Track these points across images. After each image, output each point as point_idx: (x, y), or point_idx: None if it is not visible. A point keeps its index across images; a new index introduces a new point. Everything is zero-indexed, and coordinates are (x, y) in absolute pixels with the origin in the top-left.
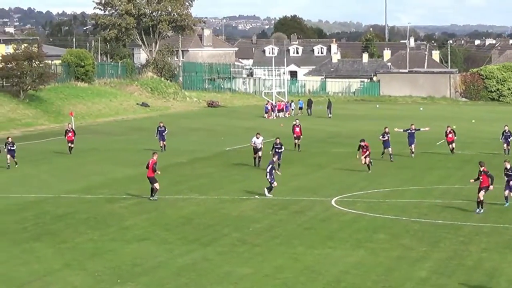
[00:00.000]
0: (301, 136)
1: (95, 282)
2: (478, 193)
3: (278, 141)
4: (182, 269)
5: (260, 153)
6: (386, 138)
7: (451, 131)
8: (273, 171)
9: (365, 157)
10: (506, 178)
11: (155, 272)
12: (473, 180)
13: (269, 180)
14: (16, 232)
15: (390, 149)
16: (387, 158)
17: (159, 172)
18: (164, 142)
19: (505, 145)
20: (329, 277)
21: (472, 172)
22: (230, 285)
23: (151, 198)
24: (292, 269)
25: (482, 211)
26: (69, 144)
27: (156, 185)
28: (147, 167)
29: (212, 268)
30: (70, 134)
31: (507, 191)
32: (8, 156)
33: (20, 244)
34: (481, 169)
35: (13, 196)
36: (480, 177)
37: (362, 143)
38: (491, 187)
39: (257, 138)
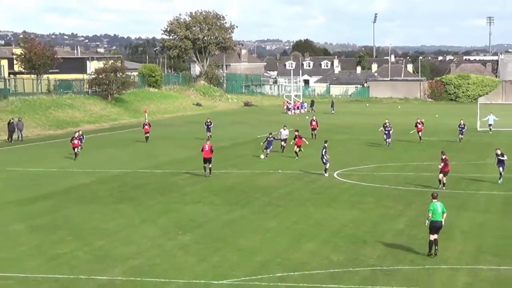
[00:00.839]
0: (317, 128)
1: (163, 233)
2: (439, 174)
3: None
4: (225, 224)
5: (284, 143)
6: (388, 130)
7: (420, 122)
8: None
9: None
10: (497, 159)
11: (206, 226)
12: (440, 167)
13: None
14: (106, 197)
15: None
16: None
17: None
18: (210, 133)
19: (460, 135)
20: (332, 229)
21: (436, 153)
22: (260, 235)
23: (206, 175)
24: (305, 223)
25: (443, 187)
26: (146, 134)
27: (210, 165)
28: (202, 150)
29: (247, 222)
30: (146, 126)
31: (501, 168)
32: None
33: (108, 205)
34: (443, 157)
35: (103, 171)
36: (442, 163)
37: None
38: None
39: (284, 129)
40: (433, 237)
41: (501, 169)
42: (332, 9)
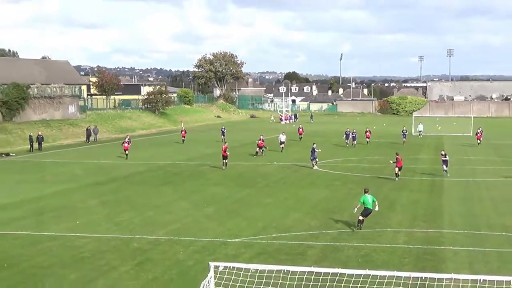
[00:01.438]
0: (303, 133)
1: (193, 206)
2: (395, 168)
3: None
4: (236, 200)
5: (283, 145)
6: (354, 135)
7: (369, 130)
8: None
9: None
10: (442, 159)
11: (223, 201)
12: (391, 162)
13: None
14: (153, 181)
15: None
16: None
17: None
18: (224, 137)
19: (403, 138)
20: (311, 203)
21: (384, 151)
22: (260, 207)
23: (223, 168)
24: (293, 199)
25: (397, 179)
26: (183, 138)
27: (226, 161)
28: (222, 149)
29: (252, 199)
30: (183, 132)
31: (444, 166)
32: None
33: (155, 187)
34: (397, 157)
35: (152, 163)
36: (396, 161)
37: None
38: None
39: (282, 135)
40: (361, 218)
41: (444, 166)
42: (311, 51)
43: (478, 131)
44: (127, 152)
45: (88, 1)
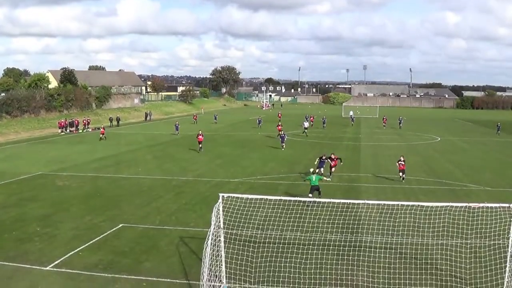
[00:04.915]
0: (281, 117)
1: (209, 159)
2: (399, 173)
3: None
4: (236, 155)
5: (306, 130)
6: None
7: (311, 116)
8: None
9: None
10: (398, 164)
11: (227, 156)
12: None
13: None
14: (185, 144)
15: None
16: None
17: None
18: (215, 121)
19: (351, 121)
20: (281, 157)
21: (328, 128)
22: (250, 160)
23: (200, 151)
24: (270, 155)
25: (330, 178)
26: (199, 145)
27: (201, 145)
28: (198, 136)
29: (244, 155)
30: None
31: (401, 173)
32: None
33: (185, 148)
34: (333, 156)
35: (183, 133)
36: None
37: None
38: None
39: (306, 122)
40: (310, 195)
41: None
42: (281, 65)
43: (384, 118)
44: (200, 145)
45: (145, 38)
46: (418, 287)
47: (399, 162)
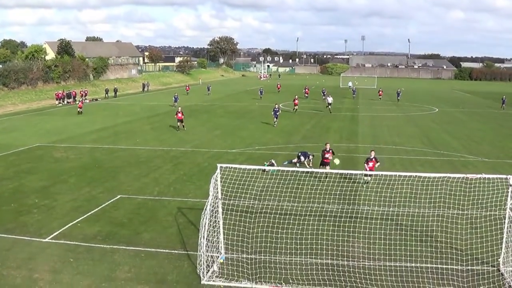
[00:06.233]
0: (280, 88)
1: (207, 130)
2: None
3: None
4: (234, 126)
5: (330, 106)
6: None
7: (307, 88)
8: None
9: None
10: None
11: (225, 127)
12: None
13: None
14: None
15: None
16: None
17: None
18: (208, 92)
19: (353, 94)
20: (279, 128)
21: (321, 97)
22: (248, 131)
23: (180, 129)
24: (268, 126)
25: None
26: (186, 91)
27: (182, 123)
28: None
29: (243, 125)
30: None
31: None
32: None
33: (185, 118)
34: (328, 148)
35: (180, 104)
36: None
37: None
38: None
39: (329, 97)
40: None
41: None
42: (279, 35)
43: (380, 90)
44: (179, 123)
45: (142, 8)
46: (415, 257)
47: (368, 161)
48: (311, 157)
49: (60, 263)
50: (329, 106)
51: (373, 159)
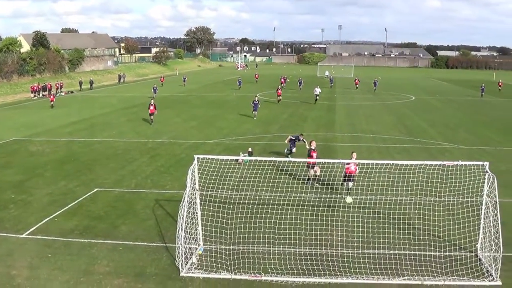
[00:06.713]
0: (258, 77)
1: (183, 120)
2: (310, 170)
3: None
4: (210, 116)
5: (318, 97)
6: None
7: (284, 78)
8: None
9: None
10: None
11: (202, 118)
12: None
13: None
14: (158, 106)
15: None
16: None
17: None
18: (184, 83)
19: (330, 83)
20: (257, 118)
21: (297, 88)
22: (225, 121)
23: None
24: (245, 116)
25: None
26: (161, 82)
27: (152, 117)
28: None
29: (220, 116)
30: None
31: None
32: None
33: (160, 110)
34: (313, 146)
35: (161, 94)
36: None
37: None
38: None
39: (317, 88)
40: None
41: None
42: (255, 25)
43: (356, 79)
44: (152, 117)
45: None
46: (393, 244)
47: (349, 163)
48: (301, 137)
49: (37, 258)
50: (317, 97)
51: (355, 163)
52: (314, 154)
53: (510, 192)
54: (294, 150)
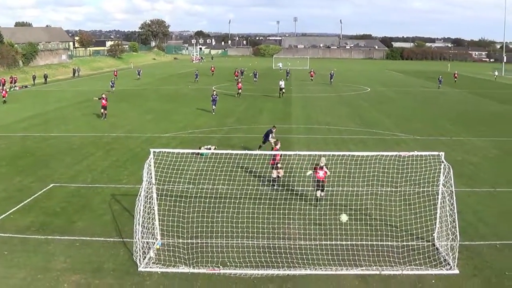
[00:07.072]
0: (215, 70)
1: (139, 114)
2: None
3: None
4: (166, 110)
5: (283, 90)
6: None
7: (240, 70)
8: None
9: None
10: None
11: (157, 111)
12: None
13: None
14: (114, 99)
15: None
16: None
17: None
18: (139, 76)
19: (287, 76)
20: (215, 113)
21: (260, 82)
22: (181, 114)
23: (103, 118)
24: (203, 110)
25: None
26: (115, 76)
27: (105, 111)
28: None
29: (175, 109)
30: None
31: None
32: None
33: (115, 103)
34: (278, 147)
35: (118, 88)
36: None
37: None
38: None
39: (282, 81)
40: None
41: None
42: (210, 18)
43: (311, 71)
44: (103, 110)
45: None
46: (351, 235)
47: (318, 169)
48: (273, 130)
49: None
50: (282, 91)
51: (324, 168)
52: (278, 157)
53: (466, 181)
54: (265, 144)
